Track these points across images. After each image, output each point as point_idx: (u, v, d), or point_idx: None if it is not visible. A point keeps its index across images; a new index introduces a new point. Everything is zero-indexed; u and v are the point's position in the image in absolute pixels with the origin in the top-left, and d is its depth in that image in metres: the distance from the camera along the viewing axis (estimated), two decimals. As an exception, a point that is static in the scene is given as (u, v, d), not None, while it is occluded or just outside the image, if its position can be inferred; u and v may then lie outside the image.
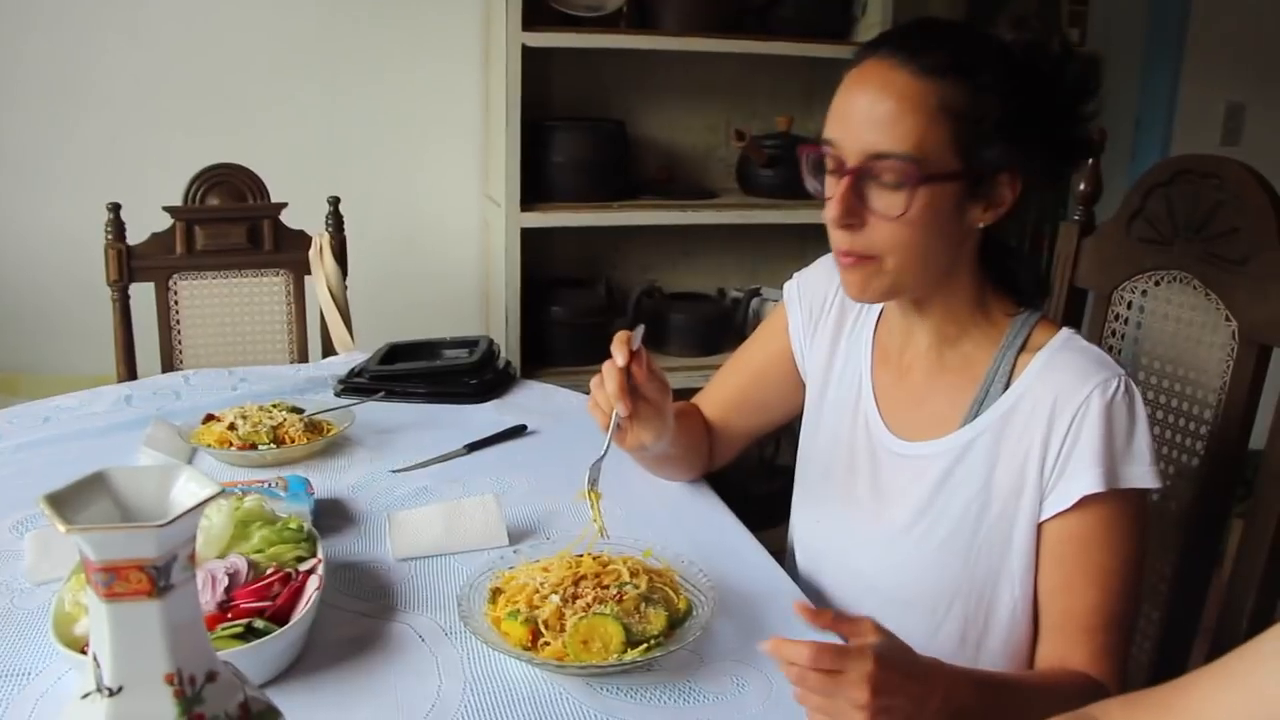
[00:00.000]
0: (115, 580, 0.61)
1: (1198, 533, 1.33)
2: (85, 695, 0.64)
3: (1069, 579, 1.07)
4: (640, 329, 1.15)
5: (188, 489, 0.65)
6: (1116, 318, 1.46)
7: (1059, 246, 1.55)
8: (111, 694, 0.63)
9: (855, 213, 1.05)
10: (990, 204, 1.08)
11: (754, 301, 2.85)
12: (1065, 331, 1.13)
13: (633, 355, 1.13)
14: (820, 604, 1.18)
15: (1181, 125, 3.42)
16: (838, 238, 1.08)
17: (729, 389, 1.43)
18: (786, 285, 1.38)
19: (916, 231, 1.05)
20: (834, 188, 1.06)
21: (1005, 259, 1.17)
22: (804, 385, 1.34)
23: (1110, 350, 1.47)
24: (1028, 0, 5.53)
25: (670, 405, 1.20)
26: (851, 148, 1.04)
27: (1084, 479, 1.04)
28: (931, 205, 1.04)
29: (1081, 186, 1.51)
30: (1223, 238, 1.30)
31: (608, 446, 1.14)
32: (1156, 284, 1.41)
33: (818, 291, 1.33)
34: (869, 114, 1.03)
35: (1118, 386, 1.05)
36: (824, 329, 1.31)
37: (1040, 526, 1.09)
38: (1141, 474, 1.04)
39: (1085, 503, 1.04)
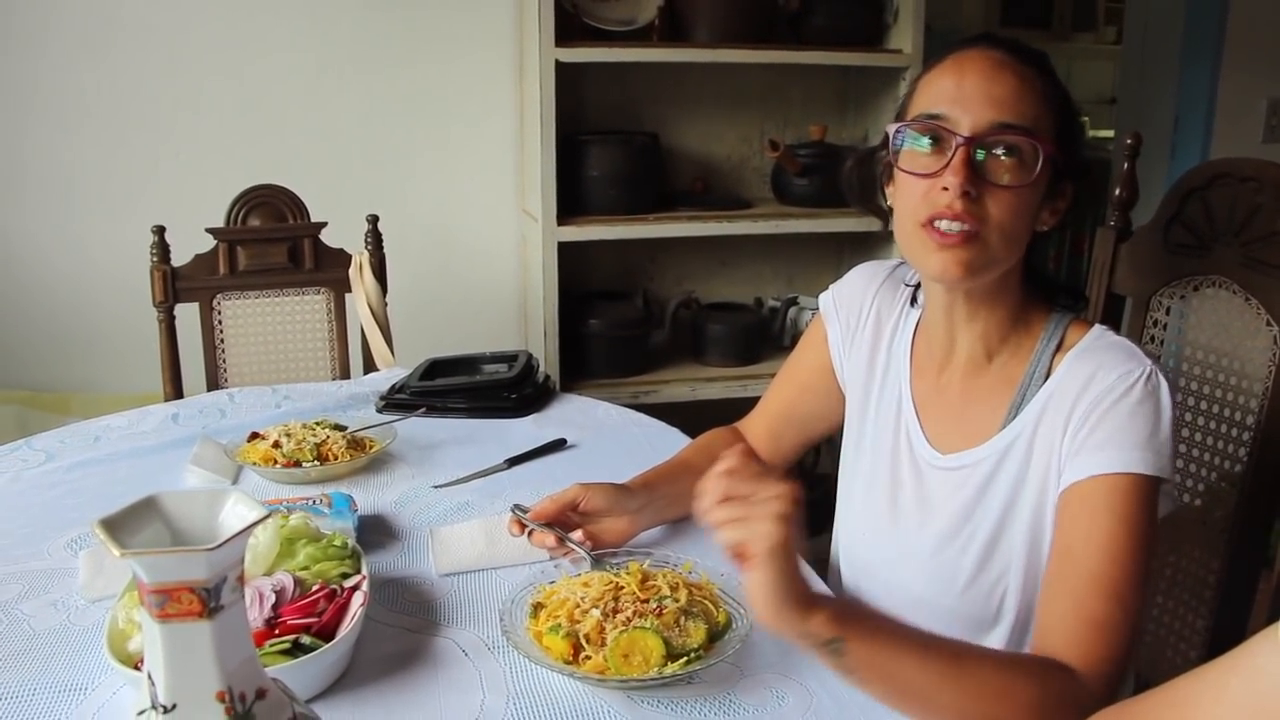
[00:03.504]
0: (168, 602, 0.63)
1: (1244, 538, 1.32)
2: (140, 712, 0.66)
3: (1071, 543, 1.02)
4: (513, 509, 1.28)
5: (236, 511, 0.67)
6: (1155, 324, 1.45)
7: (1095, 253, 1.54)
8: (166, 711, 0.64)
9: (974, 182, 1.05)
10: (1053, 207, 1.12)
11: (791, 310, 2.85)
12: (1098, 328, 1.13)
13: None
14: None
15: (1221, 123, 3.37)
16: (956, 209, 1.05)
17: (778, 402, 1.45)
18: (822, 297, 1.39)
19: (1021, 208, 1.07)
20: (936, 164, 1.07)
21: (1041, 273, 1.18)
22: (845, 396, 1.35)
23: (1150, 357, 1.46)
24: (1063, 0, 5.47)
25: (613, 501, 1.28)
26: (968, 120, 1.05)
27: (1099, 458, 1.02)
28: (1037, 184, 1.07)
29: (1117, 191, 1.50)
30: (1262, 241, 1.29)
31: (590, 556, 1.21)
32: (1195, 289, 1.40)
33: (853, 303, 1.34)
34: (989, 90, 1.06)
35: (1141, 375, 1.04)
36: (861, 340, 1.31)
37: (1059, 498, 1.06)
38: (1156, 463, 1.01)
39: (1099, 480, 1.02)
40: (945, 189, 1.05)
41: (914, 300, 1.28)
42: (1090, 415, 1.04)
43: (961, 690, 0.92)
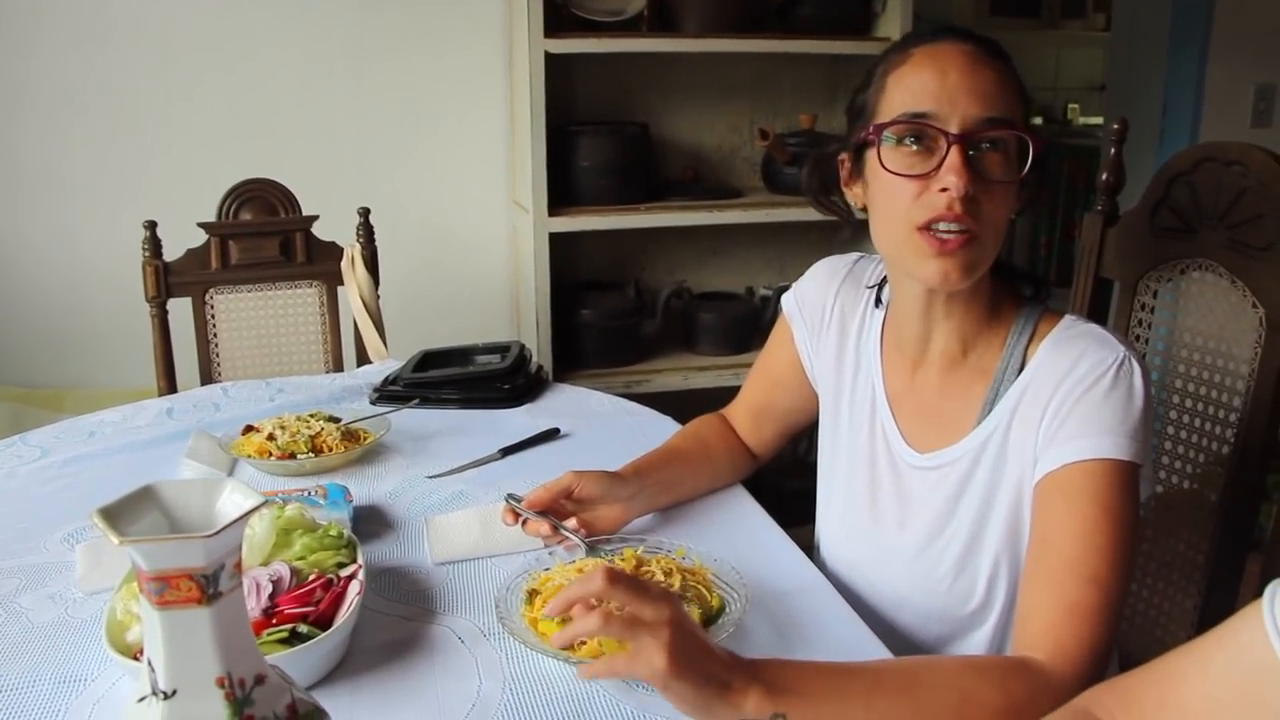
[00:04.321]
0: (167, 589, 0.63)
1: (1232, 519, 1.33)
2: (141, 699, 0.67)
3: (1048, 532, 1.02)
4: (507, 498, 1.27)
5: (233, 499, 0.68)
6: (1143, 307, 1.46)
7: (1083, 237, 1.55)
8: (166, 697, 0.65)
9: (972, 181, 1.03)
10: (1020, 195, 1.10)
11: (782, 299, 2.86)
12: (1069, 317, 1.12)
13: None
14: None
15: (1210, 109, 3.39)
16: (957, 209, 1.03)
17: (755, 397, 1.46)
18: (784, 299, 1.39)
19: (1010, 202, 1.06)
20: (924, 164, 1.04)
21: (1006, 263, 1.18)
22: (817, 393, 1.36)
23: (1138, 340, 1.47)
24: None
25: (606, 488, 1.27)
26: (956, 117, 1.03)
27: (1072, 446, 1.02)
28: (1025, 175, 1.06)
29: (1104, 176, 1.51)
30: (1247, 224, 1.30)
31: (584, 543, 1.22)
32: (1182, 272, 1.41)
33: (816, 303, 1.34)
34: (973, 85, 1.04)
35: (1114, 361, 1.03)
36: (827, 340, 1.31)
37: (1034, 489, 1.06)
38: (1130, 448, 1.01)
39: (1073, 467, 1.01)
40: (944, 190, 1.03)
41: (878, 300, 1.28)
42: (1064, 405, 1.03)
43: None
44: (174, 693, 0.65)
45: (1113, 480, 1.01)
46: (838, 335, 1.30)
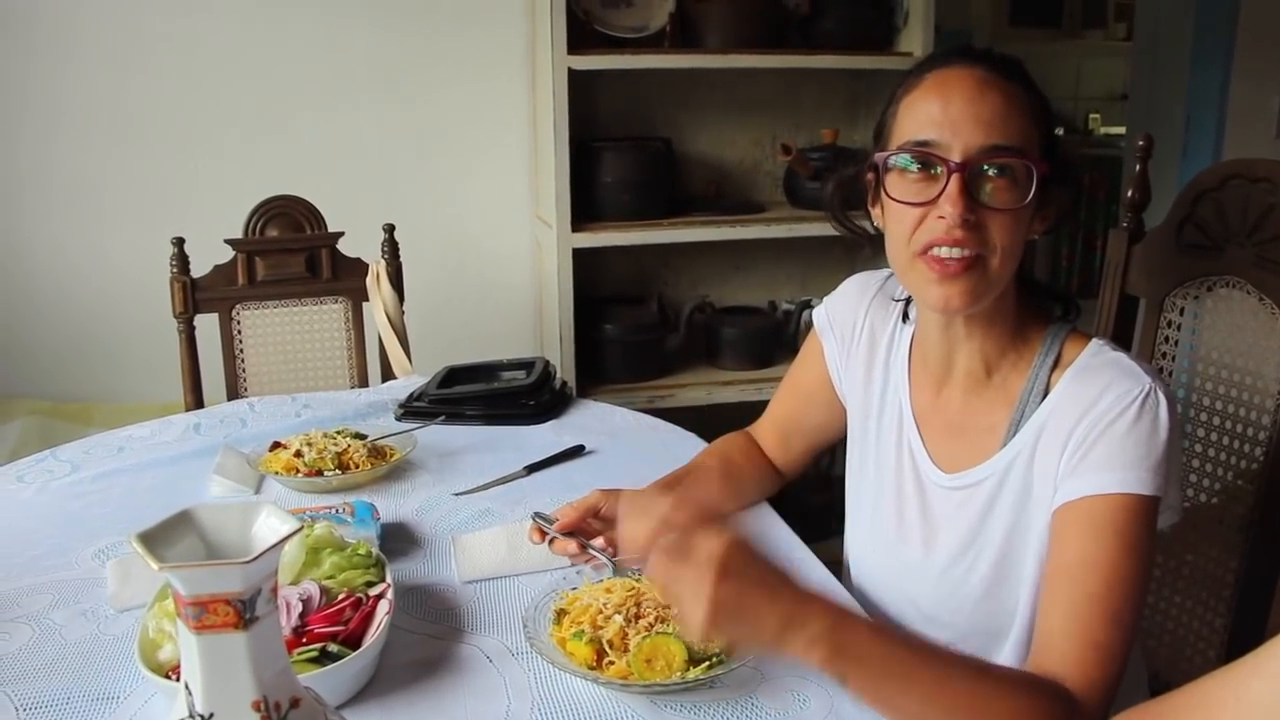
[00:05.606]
0: (204, 613, 0.64)
1: (1262, 535, 1.32)
2: (178, 722, 0.68)
3: (1070, 562, 1.01)
4: (534, 517, 1.31)
5: (269, 524, 0.69)
6: (1169, 324, 1.46)
7: (1109, 254, 1.55)
8: (203, 721, 0.66)
9: (972, 209, 1.03)
10: (1043, 215, 1.11)
11: (805, 314, 2.85)
12: (1095, 343, 1.11)
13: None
14: None
15: (1233, 122, 3.37)
16: (956, 237, 1.04)
17: (783, 413, 1.46)
18: (815, 313, 1.40)
19: (1019, 228, 1.06)
20: (928, 191, 1.05)
21: (1034, 282, 1.18)
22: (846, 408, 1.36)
23: (1164, 358, 1.46)
24: (1074, -1, 5.47)
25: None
26: (959, 145, 1.03)
27: (1096, 478, 1.01)
28: (1031, 202, 1.06)
29: (1129, 193, 1.51)
30: (1275, 241, 1.29)
31: (612, 562, 1.23)
32: (1209, 289, 1.40)
33: (847, 318, 1.34)
34: (977, 113, 1.04)
35: (1140, 394, 1.03)
36: (857, 355, 1.31)
37: (1052, 515, 1.06)
38: (1153, 482, 1.01)
39: (1097, 500, 1.01)
40: (942, 217, 1.04)
41: (905, 315, 1.28)
42: (1088, 437, 1.03)
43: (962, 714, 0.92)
44: (211, 716, 0.66)
45: (1135, 515, 1.01)
46: (867, 351, 1.30)
